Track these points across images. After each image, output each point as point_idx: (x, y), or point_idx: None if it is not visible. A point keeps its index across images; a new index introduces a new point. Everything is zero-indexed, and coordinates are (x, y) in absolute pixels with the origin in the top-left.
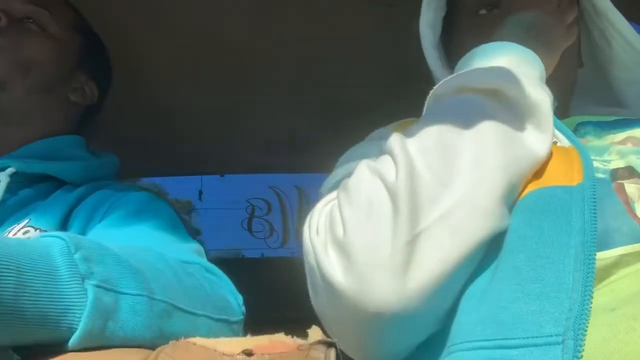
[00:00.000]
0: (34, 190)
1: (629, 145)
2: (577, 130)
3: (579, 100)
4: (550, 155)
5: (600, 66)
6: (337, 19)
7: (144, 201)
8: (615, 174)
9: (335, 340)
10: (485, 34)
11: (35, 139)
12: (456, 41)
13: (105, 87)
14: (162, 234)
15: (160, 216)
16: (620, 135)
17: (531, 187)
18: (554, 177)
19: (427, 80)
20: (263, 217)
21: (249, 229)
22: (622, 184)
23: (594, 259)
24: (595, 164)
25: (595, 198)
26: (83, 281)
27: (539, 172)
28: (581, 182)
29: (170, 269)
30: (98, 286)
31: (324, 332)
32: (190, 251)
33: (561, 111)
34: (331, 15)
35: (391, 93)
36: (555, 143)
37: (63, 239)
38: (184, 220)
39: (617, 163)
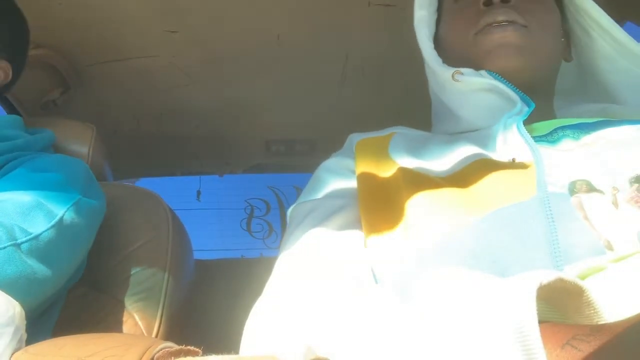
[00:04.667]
0: None
1: (596, 148)
2: (556, 132)
3: (570, 97)
4: (508, 176)
5: (584, 62)
6: (337, 19)
7: (27, 169)
8: (573, 187)
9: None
10: (462, 16)
11: None
12: (441, 33)
13: (21, 60)
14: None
15: (20, 178)
16: (593, 137)
17: (488, 209)
18: (510, 195)
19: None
20: (262, 217)
21: (248, 229)
22: (580, 198)
23: (563, 271)
24: (555, 178)
25: (551, 211)
26: None
27: (496, 194)
28: (534, 195)
29: None
30: None
31: None
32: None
33: (543, 112)
34: (331, 16)
35: (390, 93)
36: (514, 160)
37: None
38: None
39: (576, 175)
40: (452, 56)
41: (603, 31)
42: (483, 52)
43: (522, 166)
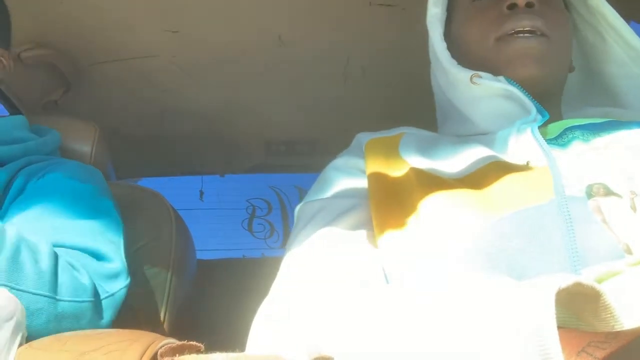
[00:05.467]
0: None
1: (610, 152)
2: (565, 134)
3: (573, 103)
4: (523, 178)
5: (592, 66)
6: (338, 20)
7: (57, 181)
8: (590, 191)
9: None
10: (483, 17)
11: None
12: (456, 32)
13: (8, 44)
14: (59, 211)
15: (65, 196)
16: (606, 140)
17: (504, 212)
18: (526, 198)
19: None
20: (263, 217)
21: (250, 229)
22: (598, 202)
23: (580, 275)
24: (571, 181)
25: (569, 214)
26: None
27: (512, 196)
28: (552, 198)
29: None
30: None
31: None
32: (83, 227)
33: (553, 117)
34: (332, 16)
35: (391, 93)
36: (528, 163)
37: None
38: (170, 217)
39: (592, 178)
40: (466, 56)
41: (617, 35)
42: (504, 60)
43: (537, 170)
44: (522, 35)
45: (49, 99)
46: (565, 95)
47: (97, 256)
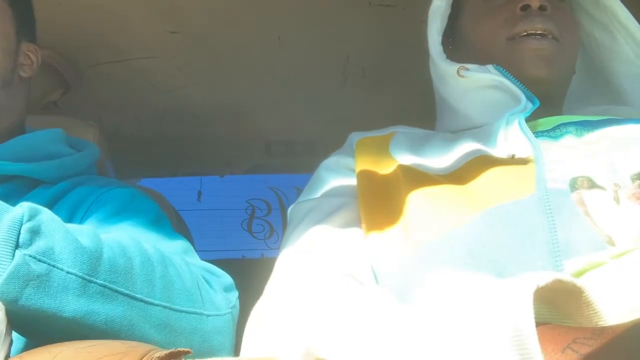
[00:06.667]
0: (4, 188)
1: (599, 146)
2: (559, 128)
3: (575, 104)
4: (507, 172)
5: (596, 64)
6: (337, 20)
7: (126, 199)
8: (574, 183)
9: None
10: (494, 16)
11: (7, 137)
12: (464, 29)
13: (35, 38)
14: (147, 232)
15: (144, 214)
16: (598, 135)
17: (486, 207)
18: (509, 192)
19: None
20: (263, 217)
21: (249, 230)
22: (582, 194)
23: (562, 269)
24: (555, 173)
25: (550, 208)
26: (16, 249)
27: (494, 191)
28: (533, 192)
29: (140, 257)
30: (30, 256)
31: None
32: (175, 249)
33: (551, 113)
34: (332, 17)
35: (391, 94)
36: (513, 156)
37: (24, 208)
38: (172, 218)
39: (577, 171)
40: (474, 53)
41: (628, 34)
42: (515, 60)
43: (522, 162)
44: (534, 37)
45: (48, 100)
46: (568, 96)
47: (209, 271)
